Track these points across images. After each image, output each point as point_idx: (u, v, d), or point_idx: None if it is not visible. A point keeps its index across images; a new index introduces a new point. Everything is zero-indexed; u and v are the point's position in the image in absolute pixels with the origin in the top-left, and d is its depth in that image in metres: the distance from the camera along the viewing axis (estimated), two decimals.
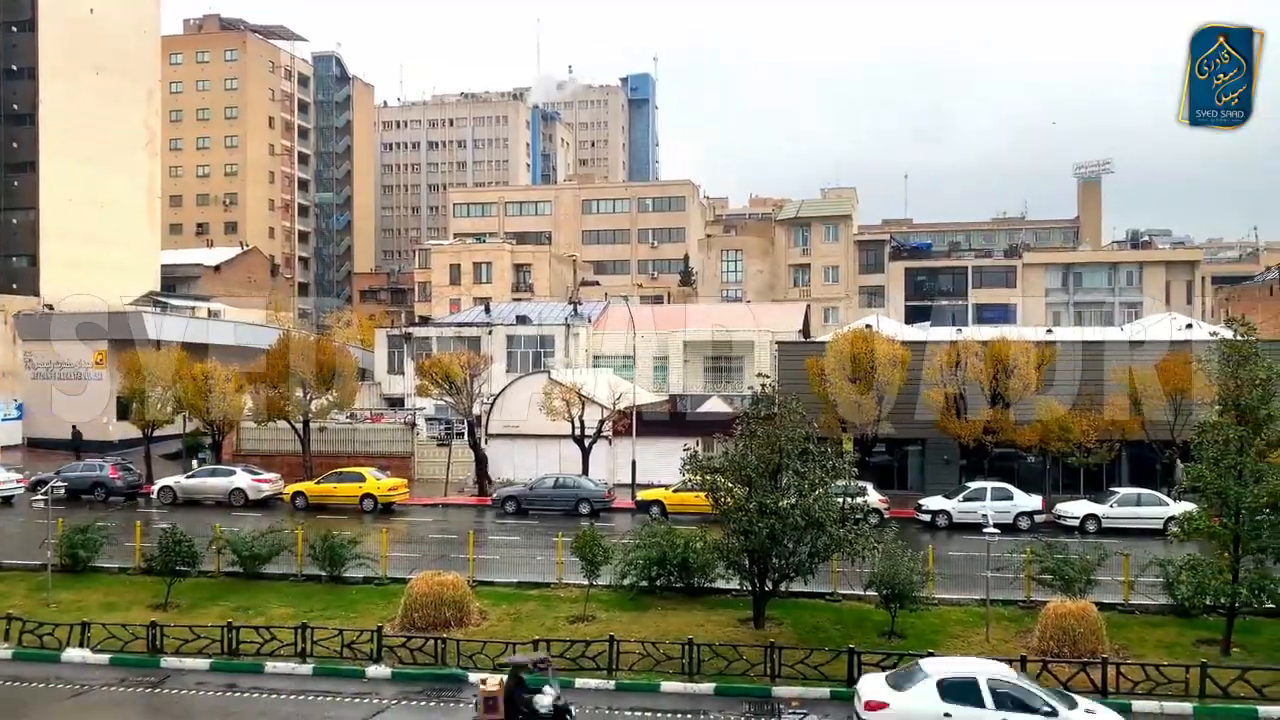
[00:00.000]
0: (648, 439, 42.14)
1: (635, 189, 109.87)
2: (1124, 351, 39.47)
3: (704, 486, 22.19)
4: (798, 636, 21.41)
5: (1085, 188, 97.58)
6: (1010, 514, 34.20)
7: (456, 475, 43.92)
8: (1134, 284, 77.13)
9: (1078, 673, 18.94)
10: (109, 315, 54.39)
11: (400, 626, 21.86)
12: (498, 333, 56.20)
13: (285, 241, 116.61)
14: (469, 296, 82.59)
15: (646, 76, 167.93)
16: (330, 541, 25.80)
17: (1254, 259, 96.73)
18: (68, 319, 55.08)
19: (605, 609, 23.27)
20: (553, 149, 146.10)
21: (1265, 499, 19.56)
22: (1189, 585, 20.63)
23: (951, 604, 23.68)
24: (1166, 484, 35.61)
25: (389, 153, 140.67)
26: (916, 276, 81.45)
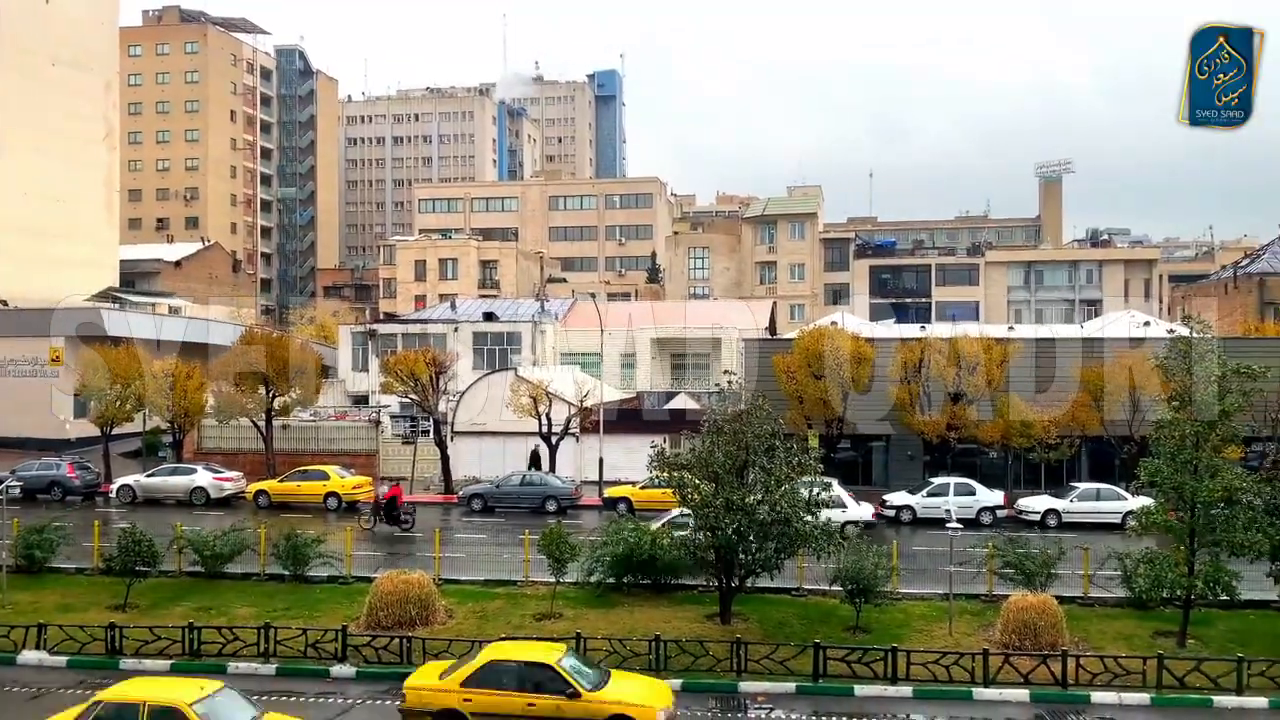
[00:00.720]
0: (615, 436, 42.14)
1: (603, 186, 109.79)
2: (1084, 348, 40.07)
3: (671, 483, 22.25)
4: (764, 632, 21.54)
5: (1046, 187, 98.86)
6: (973, 509, 34.61)
7: (422, 473, 43.63)
8: (1094, 282, 78.36)
9: (1038, 665, 19.23)
10: (66, 311, 53.35)
11: (365, 626, 21.71)
12: (464, 329, 55.87)
13: (247, 237, 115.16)
14: (434, 293, 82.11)
15: (614, 73, 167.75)
16: (294, 540, 25.55)
17: (1209, 258, 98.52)
18: (23, 315, 53.96)
19: (572, 606, 23.26)
20: (519, 145, 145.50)
21: (1219, 493, 19.97)
22: (1146, 578, 21.02)
23: (915, 598, 23.94)
24: (1125, 479, 36.24)
25: (353, 148, 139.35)
26: (881, 274, 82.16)
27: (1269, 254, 56.24)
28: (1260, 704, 18.36)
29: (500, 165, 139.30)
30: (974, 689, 18.87)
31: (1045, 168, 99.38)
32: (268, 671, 20.07)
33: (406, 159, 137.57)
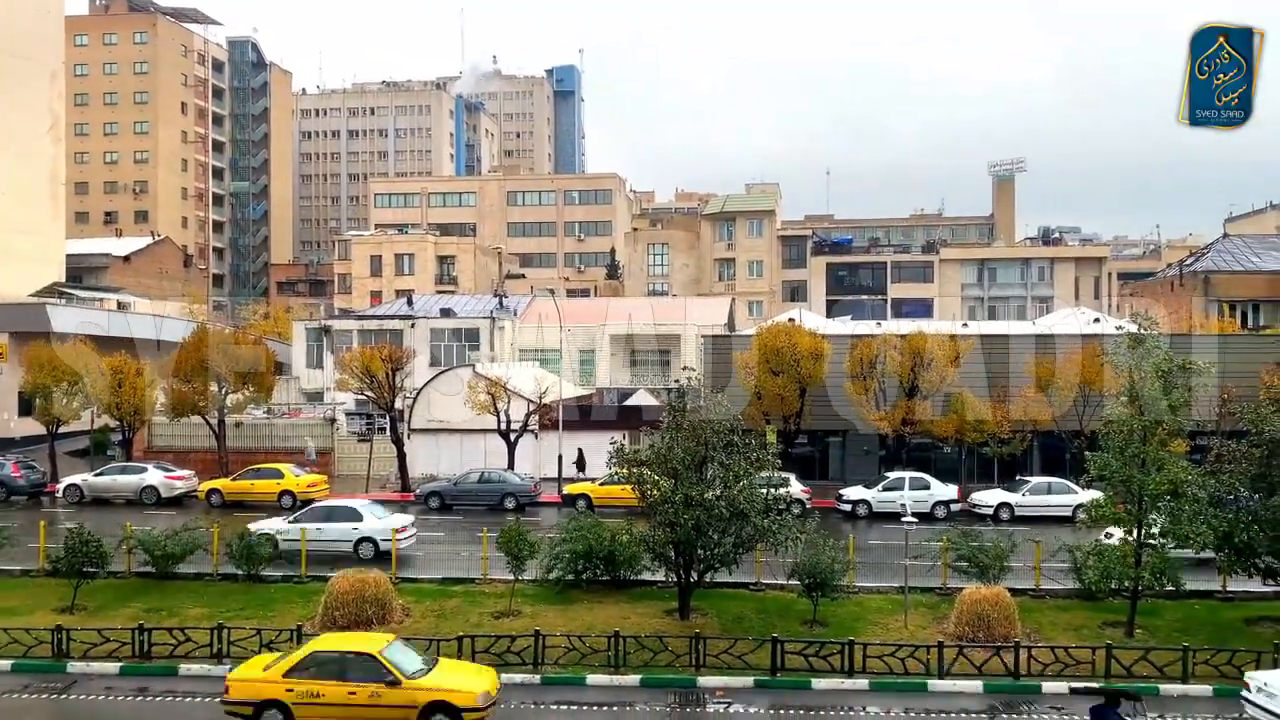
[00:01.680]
0: (574, 432, 42.08)
1: (561, 181, 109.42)
2: (1035, 345, 40.76)
3: (630, 479, 22.26)
4: (722, 627, 21.65)
5: (999, 186, 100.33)
6: (927, 503, 35.09)
7: (378, 471, 43.24)
8: (1045, 279, 79.73)
9: (992, 656, 19.55)
10: (9, 307, 52.10)
11: (321, 625, 21.46)
12: (421, 326, 55.41)
13: (199, 231, 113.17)
14: (391, 289, 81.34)
15: (572, 69, 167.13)
16: (247, 539, 25.19)
17: (1156, 256, 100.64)
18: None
19: (531, 603, 23.20)
20: (477, 140, 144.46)
21: (1166, 486, 20.41)
22: (1095, 570, 21.44)
23: (871, 592, 24.21)
24: (1076, 473, 36.95)
25: (308, 141, 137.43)
26: (838, 271, 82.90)
27: (1213, 252, 57.57)
28: (1205, 691, 18.84)
29: (458, 160, 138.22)
30: (929, 681, 19.13)
31: (998, 166, 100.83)
32: (220, 673, 19.70)
33: (362, 153, 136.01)
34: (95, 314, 58.65)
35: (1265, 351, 38.24)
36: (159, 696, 18.78)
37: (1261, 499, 21.13)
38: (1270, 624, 21.92)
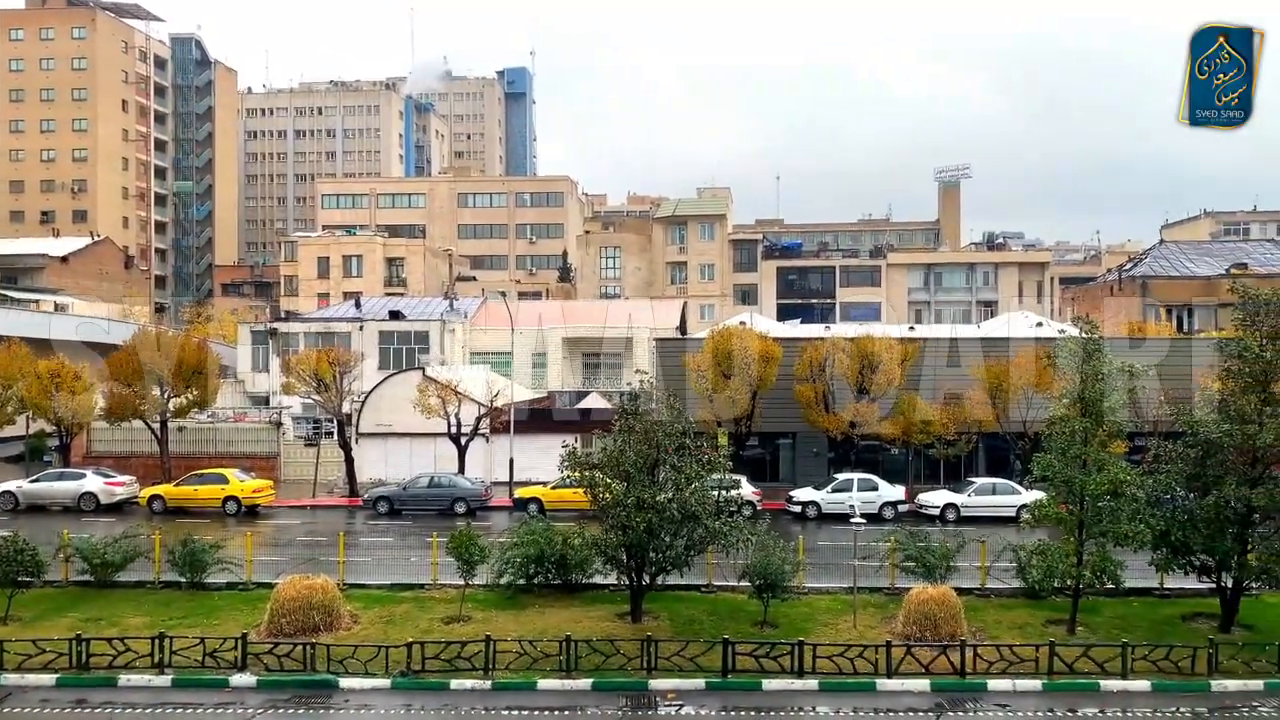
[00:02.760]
0: (526, 436, 41.90)
1: (513, 183, 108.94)
2: (980, 348, 41.48)
3: (582, 483, 22.21)
4: (674, 629, 21.69)
5: (945, 191, 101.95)
6: (876, 504, 35.52)
7: (326, 476, 42.66)
8: (990, 284, 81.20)
9: (938, 655, 19.83)
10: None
11: (267, 633, 21.10)
12: (369, 328, 54.79)
13: (141, 232, 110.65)
14: (338, 291, 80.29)
15: (524, 70, 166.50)
16: (191, 546, 24.67)
17: (1096, 261, 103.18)
18: None
19: (482, 609, 23.04)
20: (427, 141, 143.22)
21: (1106, 486, 20.88)
22: (1039, 569, 21.86)
23: (821, 592, 24.42)
24: (1020, 474, 37.67)
25: (254, 141, 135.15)
26: (788, 275, 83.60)
27: (1150, 258, 59.13)
28: (1144, 686, 19.30)
29: (407, 161, 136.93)
30: (877, 680, 19.34)
31: (944, 172, 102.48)
32: (163, 683, 19.32)
33: (309, 153, 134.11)
34: (31, 316, 57.07)
35: (1200, 354, 39.39)
36: (98, 708, 18.29)
37: (1196, 498, 21.69)
38: (1205, 620, 22.53)
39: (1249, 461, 21.04)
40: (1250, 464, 21.03)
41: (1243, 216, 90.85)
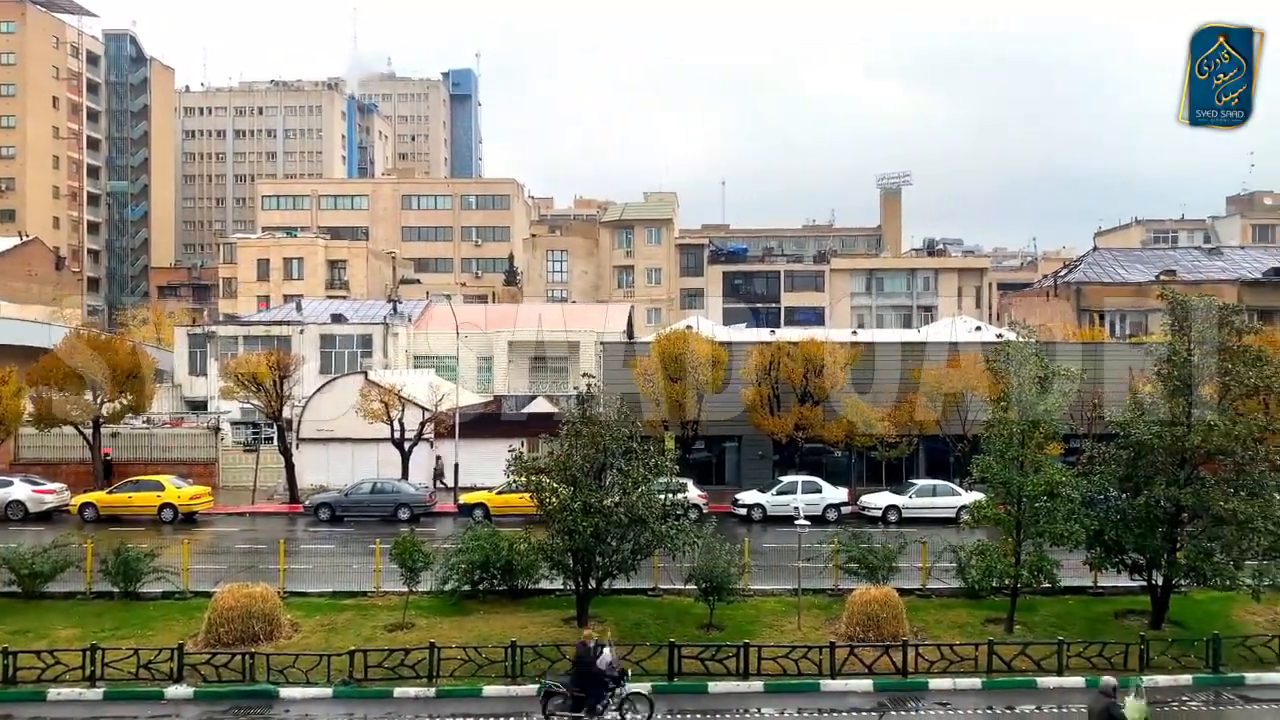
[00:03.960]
0: (471, 441, 41.57)
1: (458, 185, 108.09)
2: (921, 352, 42.16)
3: (529, 487, 22.11)
4: (620, 633, 21.67)
5: (887, 198, 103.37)
6: (819, 506, 35.92)
7: (266, 482, 41.88)
8: (930, 289, 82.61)
9: (881, 655, 20.11)
10: None
11: (204, 643, 20.63)
12: (310, 332, 53.96)
13: (73, 233, 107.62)
14: (279, 294, 78.91)
15: (469, 72, 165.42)
16: (124, 555, 24.00)
17: (1032, 267, 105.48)
18: None
19: (426, 616, 22.79)
20: (370, 142, 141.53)
21: (1043, 487, 21.37)
22: (978, 569, 22.28)
23: (766, 594, 24.61)
24: (960, 475, 38.36)
25: (191, 140, 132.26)
26: (734, 280, 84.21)
27: (1084, 264, 60.61)
28: (1078, 683, 19.77)
29: (350, 162, 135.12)
30: (821, 681, 19.55)
31: (886, 179, 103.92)
32: (94, 696, 18.78)
33: (249, 153, 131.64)
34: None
35: (1131, 358, 40.45)
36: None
37: (1128, 498, 22.29)
38: (1136, 616, 23.16)
39: (1178, 463, 21.67)
40: (1179, 465, 21.66)
41: (1171, 224, 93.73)
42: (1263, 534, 20.62)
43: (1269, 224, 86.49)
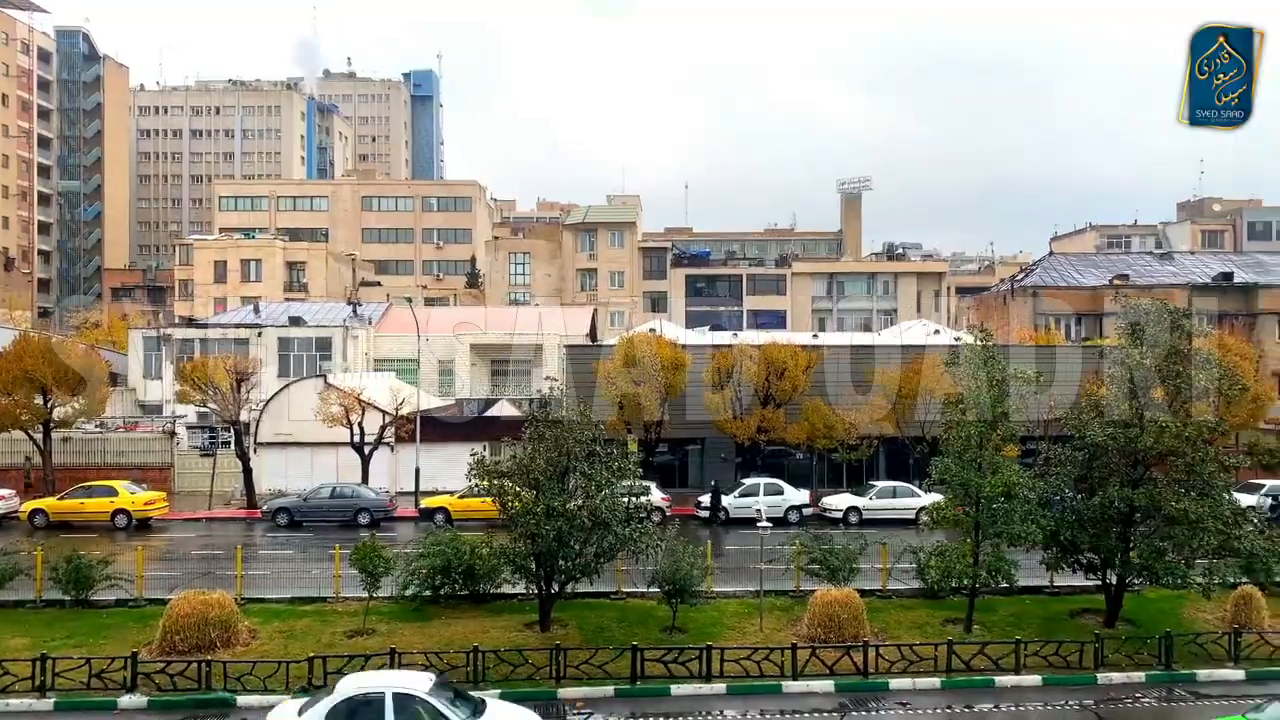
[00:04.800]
0: (432, 445, 41.29)
1: (419, 187, 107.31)
2: (881, 355, 42.64)
3: (491, 491, 21.99)
4: (583, 637, 21.62)
5: (847, 202, 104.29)
6: (781, 508, 36.13)
7: (223, 487, 41.27)
8: (889, 293, 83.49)
9: (842, 656, 20.26)
10: None
11: (159, 651, 20.26)
12: (268, 334, 53.26)
13: (23, 233, 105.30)
14: (237, 296, 77.84)
15: (430, 73, 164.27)
16: (76, 562, 23.52)
17: (990, 271, 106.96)
18: None
19: (387, 621, 22.58)
20: (330, 143, 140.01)
21: (1000, 488, 21.66)
22: (937, 570, 22.53)
23: (729, 596, 24.70)
24: (919, 477, 38.78)
25: (147, 140, 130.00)
26: (696, 283, 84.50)
27: (1040, 269, 61.59)
28: (1035, 681, 20.07)
29: (309, 163, 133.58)
30: (783, 682, 19.64)
31: (847, 184, 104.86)
32: (44, 707, 18.36)
33: (206, 154, 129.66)
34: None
35: (1086, 361, 41.22)
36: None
37: (1083, 499, 22.68)
38: (1092, 615, 23.55)
39: (1131, 463, 22.09)
40: (1132, 466, 22.08)
41: (1124, 230, 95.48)
42: (1212, 533, 21.07)
43: (1217, 230, 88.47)
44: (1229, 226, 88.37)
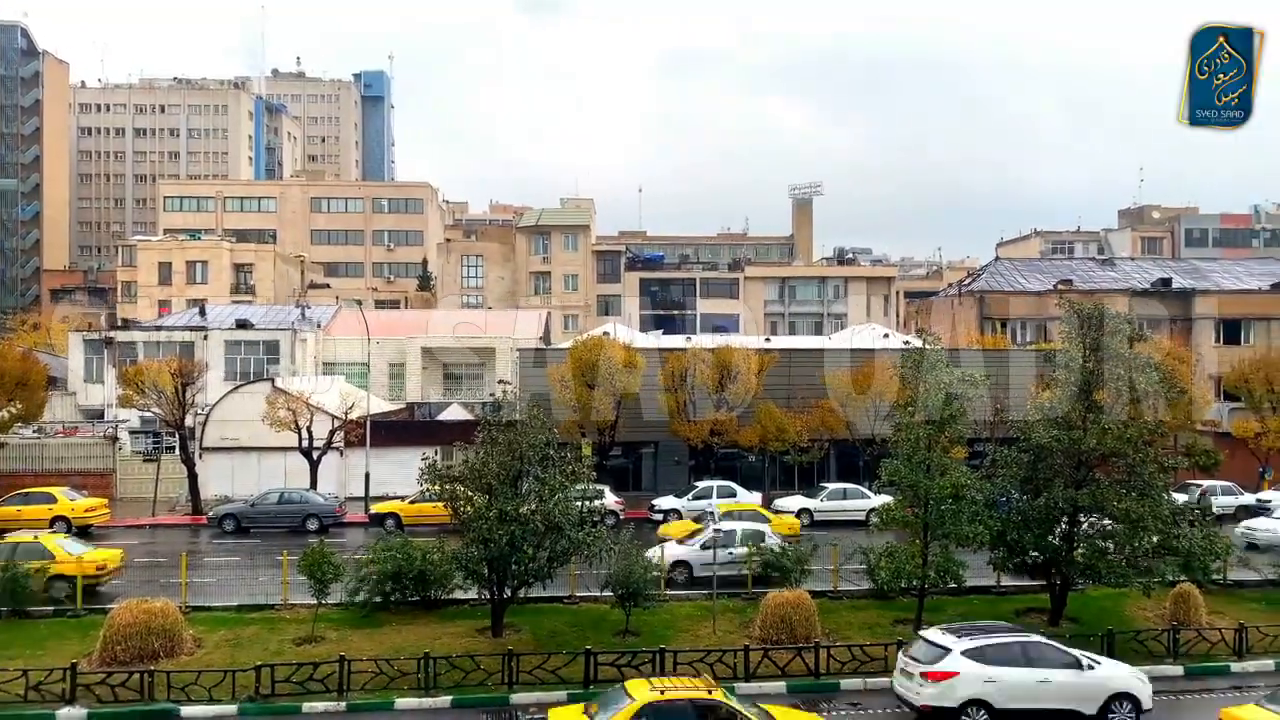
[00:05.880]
0: (383, 449, 40.84)
1: (370, 188, 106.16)
2: (831, 359, 43.08)
3: (443, 496, 21.83)
4: (536, 642, 21.53)
5: (799, 208, 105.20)
6: None
7: (167, 493, 40.43)
8: (840, 297, 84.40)
9: (794, 657, 20.41)
10: None
11: (100, 662, 19.77)
12: (215, 337, 52.31)
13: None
14: (182, 298, 76.29)
15: (381, 74, 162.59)
16: (12, 571, 22.86)
17: (938, 276, 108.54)
18: None
19: (336, 628, 22.27)
20: (279, 143, 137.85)
21: (949, 490, 22.01)
22: (887, 570, 22.81)
23: (682, 599, 24.76)
24: (869, 479, 39.23)
25: (88, 138, 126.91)
26: (650, 287, 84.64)
27: (987, 274, 62.70)
28: None
29: (257, 163, 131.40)
30: (736, 684, 19.69)
31: (798, 189, 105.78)
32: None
33: (150, 153, 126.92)
34: None
35: (1032, 364, 42.04)
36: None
37: (1029, 500, 23.11)
38: (1037, 614, 23.98)
39: (1075, 465, 22.56)
40: (1076, 467, 22.56)
41: (1068, 236, 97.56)
42: (1152, 532, 21.61)
43: (1157, 236, 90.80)
44: (1167, 233, 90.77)
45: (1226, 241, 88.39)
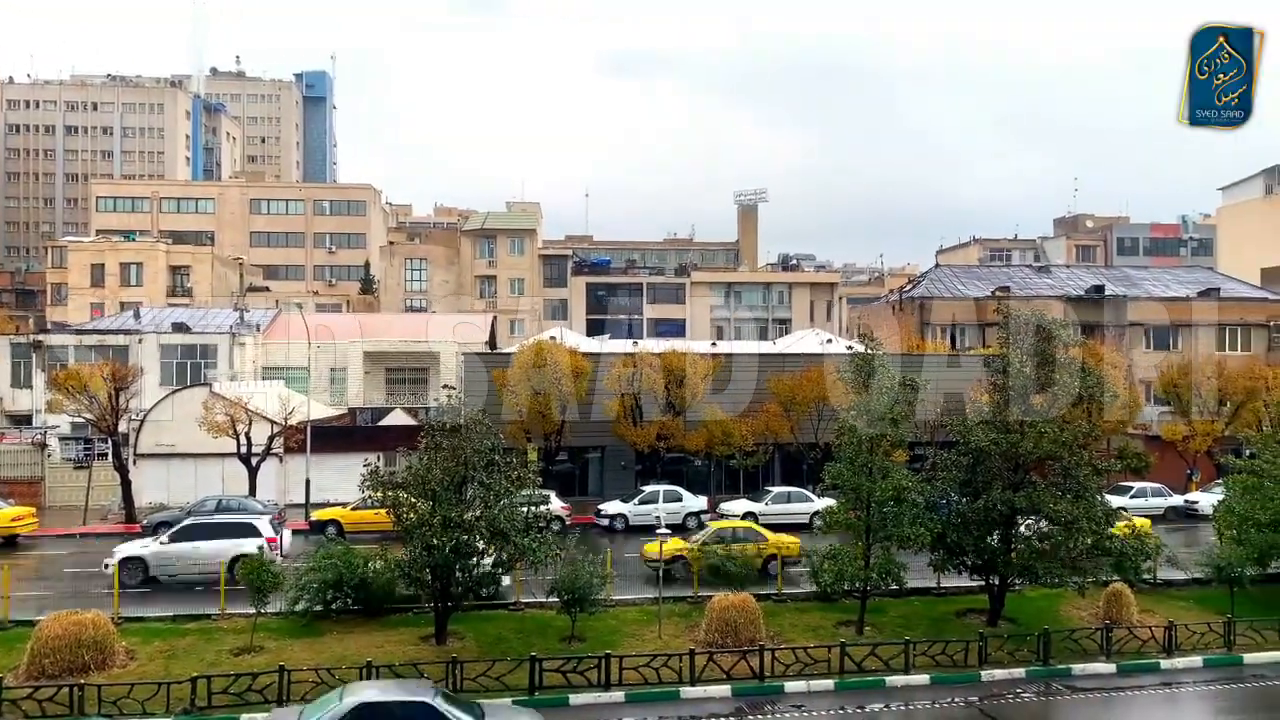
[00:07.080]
0: (324, 455, 40.17)
1: (311, 190, 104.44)
2: (776, 363, 43.44)
3: (385, 503, 21.53)
4: (480, 649, 21.35)
5: (744, 214, 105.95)
6: (680, 515, 36.37)
7: (99, 501, 39.29)
8: (784, 302, 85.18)
9: (739, 660, 20.51)
10: None
11: (26, 676, 19.13)
12: (149, 341, 51.01)
13: None
14: (115, 300, 74.25)
15: (323, 74, 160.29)
16: None
17: (880, 282, 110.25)
18: None
19: (275, 638, 21.84)
20: (217, 143, 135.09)
21: (890, 492, 22.34)
22: (830, 573, 23.04)
23: (628, 604, 24.75)
24: (813, 482, 39.60)
25: (15, 135, 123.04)
26: (597, 291, 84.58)
27: (927, 280, 63.71)
28: (924, 680, 20.72)
29: (194, 164, 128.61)
30: (681, 688, 19.78)
31: (743, 196, 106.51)
32: None
33: (82, 151, 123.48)
34: None
35: (970, 369, 42.79)
36: None
37: (968, 502, 23.55)
38: (976, 615, 24.45)
39: (1012, 468, 23.05)
40: (1013, 470, 23.04)
41: (1006, 243, 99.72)
42: (1086, 533, 22.16)
43: (1090, 244, 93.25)
44: (1100, 242, 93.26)
45: (1156, 250, 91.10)
